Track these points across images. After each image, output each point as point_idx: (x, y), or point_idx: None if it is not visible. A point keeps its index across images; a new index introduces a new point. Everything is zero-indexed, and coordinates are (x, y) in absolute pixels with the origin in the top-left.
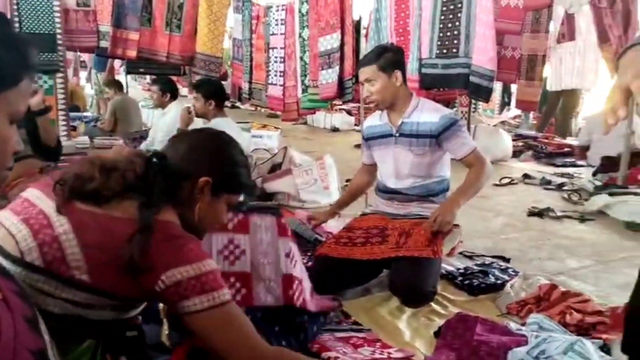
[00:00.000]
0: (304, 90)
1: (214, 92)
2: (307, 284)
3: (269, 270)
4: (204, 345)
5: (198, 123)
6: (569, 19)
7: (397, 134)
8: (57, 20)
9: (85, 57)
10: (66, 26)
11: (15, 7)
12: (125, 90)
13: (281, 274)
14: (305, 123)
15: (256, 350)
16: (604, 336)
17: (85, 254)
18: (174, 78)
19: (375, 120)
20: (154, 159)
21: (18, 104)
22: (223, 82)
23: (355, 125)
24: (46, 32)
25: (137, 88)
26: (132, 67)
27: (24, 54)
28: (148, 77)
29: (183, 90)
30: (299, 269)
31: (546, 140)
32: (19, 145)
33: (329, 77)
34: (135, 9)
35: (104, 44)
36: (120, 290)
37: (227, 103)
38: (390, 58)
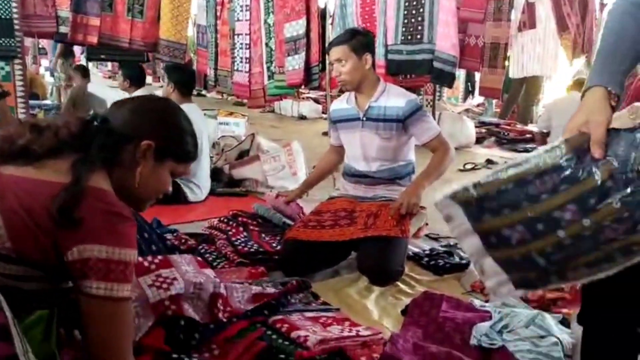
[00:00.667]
0: (270, 77)
1: (179, 78)
2: (237, 294)
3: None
4: (82, 327)
5: None
6: (530, 8)
7: (364, 118)
8: (14, 4)
9: (44, 43)
10: (23, 11)
11: None
12: (88, 77)
13: (208, 295)
14: (273, 111)
15: (126, 355)
16: (564, 310)
17: (5, 220)
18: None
19: (343, 104)
20: (95, 121)
21: None
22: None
23: (323, 113)
24: (2, 16)
25: (98, 75)
26: (94, 54)
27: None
28: (109, 64)
29: (148, 78)
30: (222, 289)
31: (508, 127)
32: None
33: (295, 63)
34: None
35: (64, 29)
36: (41, 259)
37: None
38: (362, 40)
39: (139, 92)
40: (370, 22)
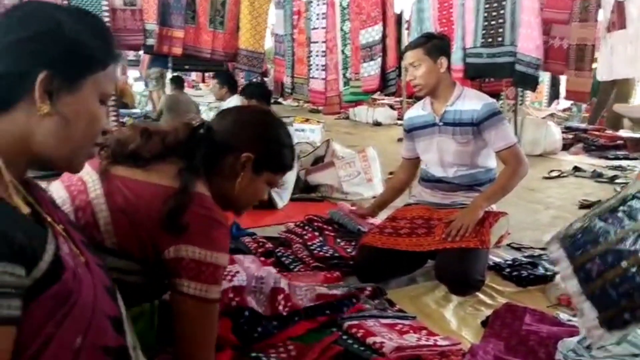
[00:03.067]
0: (346, 84)
1: (258, 93)
2: (300, 292)
3: (259, 284)
4: (173, 324)
5: None
6: (619, 7)
7: (441, 123)
8: (106, 19)
9: (141, 53)
10: (114, 25)
11: (65, 5)
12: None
13: (269, 288)
14: (348, 118)
15: (210, 354)
16: None
17: (113, 218)
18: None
19: (418, 111)
20: (200, 129)
21: (107, 86)
22: (265, 79)
23: (398, 119)
24: None
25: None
26: (178, 64)
27: (110, 42)
28: (193, 74)
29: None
30: (283, 284)
31: (597, 133)
32: (107, 124)
33: (370, 69)
34: (179, 6)
35: (151, 42)
36: (141, 255)
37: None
38: (437, 44)
39: (234, 98)
40: (447, 25)
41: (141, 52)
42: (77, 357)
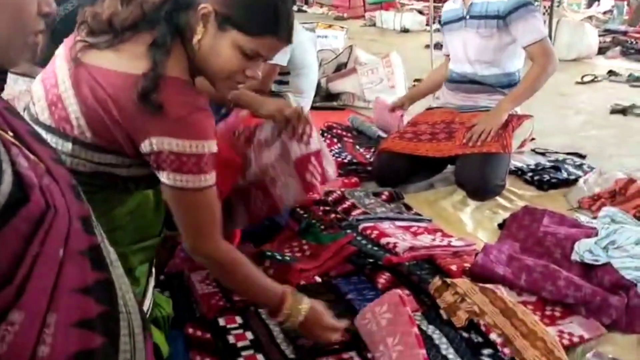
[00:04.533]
0: None
1: None
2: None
3: (278, 167)
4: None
5: None
6: None
7: (467, 16)
8: None
9: None
10: None
11: None
12: None
13: (292, 162)
14: (374, 25)
15: (212, 241)
16: None
17: (83, 111)
18: None
19: (451, 4)
20: None
21: None
22: None
23: (427, 25)
24: None
25: None
26: None
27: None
28: None
29: None
30: (313, 143)
31: (637, 35)
32: (49, 4)
33: None
34: None
35: None
36: (120, 150)
37: (294, 7)
38: None
39: None
40: None
41: None
42: (61, 268)
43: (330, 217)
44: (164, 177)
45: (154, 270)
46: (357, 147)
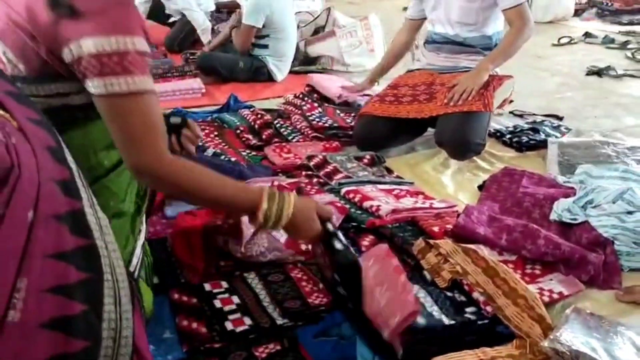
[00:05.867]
0: None
1: None
2: None
3: None
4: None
5: None
6: None
7: None
8: None
9: None
10: None
11: None
12: None
13: None
14: None
15: (155, 155)
16: None
17: (7, 43)
18: None
19: None
20: None
21: None
22: None
23: None
24: None
25: None
26: None
27: None
28: None
29: None
30: None
31: None
32: None
33: None
34: None
35: None
36: (56, 73)
37: None
38: None
39: None
40: None
41: None
42: (32, 232)
43: (312, 182)
44: (90, 87)
45: (143, 226)
46: (338, 111)
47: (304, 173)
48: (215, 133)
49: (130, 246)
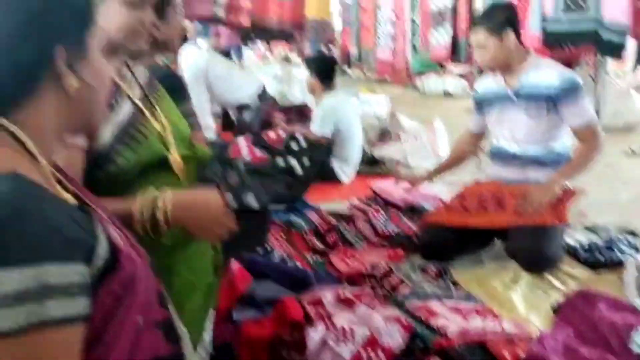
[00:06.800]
0: (414, 52)
1: (319, 69)
2: None
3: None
4: None
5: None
6: None
7: (513, 96)
8: None
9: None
10: None
11: None
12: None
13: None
14: (416, 88)
15: None
16: None
17: None
18: None
19: (489, 82)
20: None
21: (100, 35)
22: (332, 47)
23: (470, 89)
24: None
25: (252, 56)
26: (245, 36)
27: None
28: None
29: (294, 57)
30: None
31: None
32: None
33: (440, 37)
34: None
35: (219, 11)
36: None
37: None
38: (501, 18)
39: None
40: None
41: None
42: (139, 337)
43: (377, 293)
44: None
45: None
46: (403, 217)
47: (368, 282)
48: (283, 235)
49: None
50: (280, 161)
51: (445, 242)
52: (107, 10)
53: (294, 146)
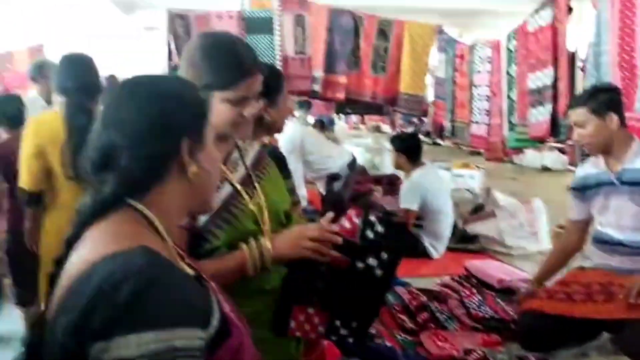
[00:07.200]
0: (511, 129)
1: (405, 146)
2: None
3: None
4: None
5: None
6: None
7: (618, 182)
8: (279, 65)
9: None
10: (285, 72)
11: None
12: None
13: None
14: (512, 162)
15: None
16: None
17: None
18: None
19: (590, 168)
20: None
21: (211, 127)
22: (424, 119)
23: (570, 164)
24: None
25: (344, 126)
26: (340, 108)
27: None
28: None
29: (385, 127)
30: None
31: None
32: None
33: (539, 115)
34: (344, 54)
35: (316, 87)
36: None
37: (428, 140)
38: (604, 99)
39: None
40: (630, 70)
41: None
42: None
43: None
44: None
45: None
46: (499, 300)
47: None
48: None
49: None
50: (359, 264)
51: (547, 332)
52: (214, 106)
53: (369, 234)
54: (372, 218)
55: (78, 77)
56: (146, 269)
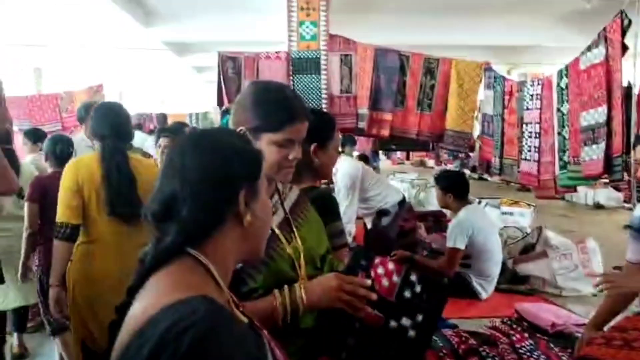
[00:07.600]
0: (563, 167)
1: (451, 185)
2: None
3: None
4: None
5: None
6: None
7: None
8: (324, 104)
9: None
10: (331, 110)
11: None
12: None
13: None
14: (563, 198)
15: None
16: None
17: None
18: None
19: None
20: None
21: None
22: (470, 154)
23: (625, 202)
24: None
25: (387, 162)
26: (384, 144)
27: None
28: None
29: (429, 162)
30: None
31: None
32: None
33: (593, 153)
34: (390, 92)
35: (362, 124)
36: None
37: (474, 175)
38: None
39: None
40: None
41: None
42: None
43: None
44: None
45: None
46: (552, 345)
47: None
48: None
49: None
50: (392, 323)
51: None
52: (262, 145)
53: (407, 294)
54: (413, 278)
55: (113, 125)
56: (207, 319)
